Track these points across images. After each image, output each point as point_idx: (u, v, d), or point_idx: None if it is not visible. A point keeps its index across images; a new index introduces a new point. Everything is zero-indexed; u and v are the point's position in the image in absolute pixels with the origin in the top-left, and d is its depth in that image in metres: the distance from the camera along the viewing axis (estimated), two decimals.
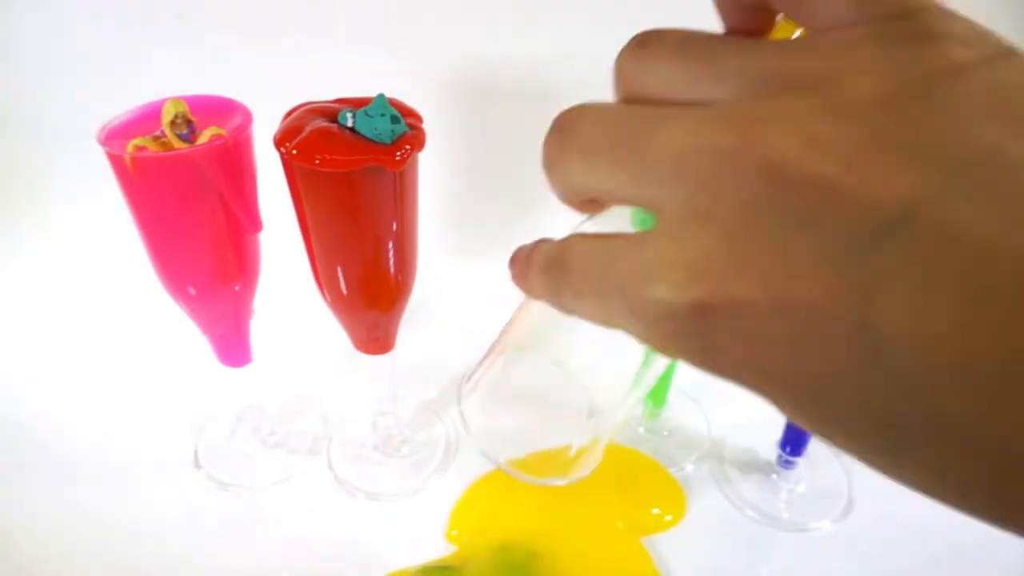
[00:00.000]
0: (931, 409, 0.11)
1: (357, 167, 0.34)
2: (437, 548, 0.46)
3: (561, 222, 0.20)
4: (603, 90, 0.17)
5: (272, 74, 0.61)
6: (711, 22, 0.17)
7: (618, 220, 0.20)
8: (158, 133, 0.37)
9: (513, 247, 0.20)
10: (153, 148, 0.37)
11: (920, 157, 0.12)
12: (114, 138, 0.37)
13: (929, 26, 0.13)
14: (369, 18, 0.64)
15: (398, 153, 0.34)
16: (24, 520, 0.47)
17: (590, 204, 0.18)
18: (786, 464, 0.49)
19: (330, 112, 0.36)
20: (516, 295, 0.23)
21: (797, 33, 0.15)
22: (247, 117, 0.39)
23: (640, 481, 0.50)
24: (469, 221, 0.73)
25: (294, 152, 0.34)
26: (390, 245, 0.39)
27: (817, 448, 0.51)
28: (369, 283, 0.41)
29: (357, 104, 0.36)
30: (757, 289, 0.12)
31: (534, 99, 0.64)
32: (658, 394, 0.53)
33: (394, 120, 0.35)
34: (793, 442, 0.48)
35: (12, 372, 0.59)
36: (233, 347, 0.47)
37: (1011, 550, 0.45)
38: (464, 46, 0.64)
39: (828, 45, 0.13)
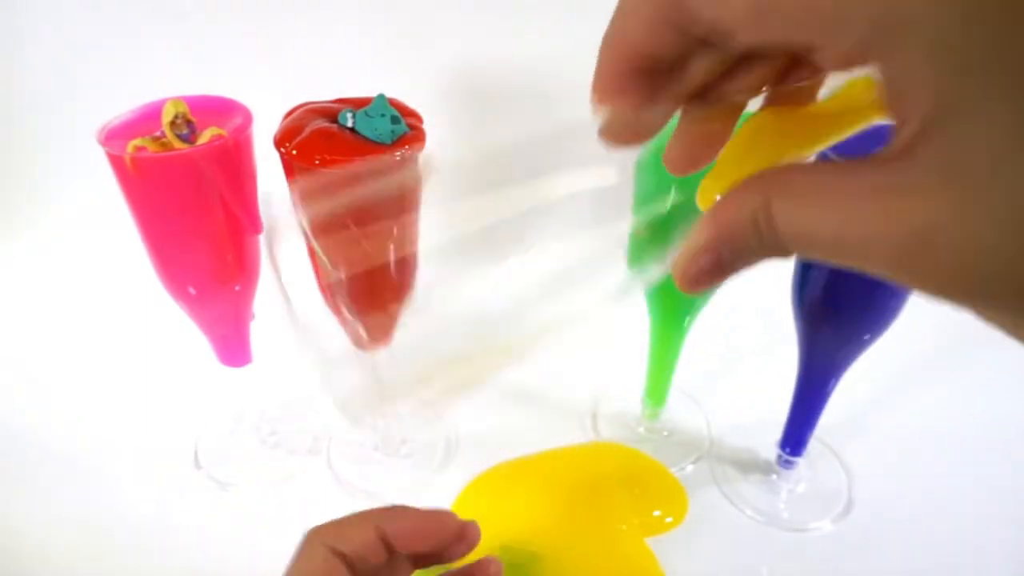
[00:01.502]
0: None
1: None
2: None
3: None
4: None
5: (272, 74, 0.61)
6: None
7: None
8: (158, 133, 0.37)
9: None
10: (153, 148, 0.37)
11: None
12: (114, 138, 0.37)
13: None
14: (369, 18, 0.64)
15: (398, 153, 0.34)
16: (24, 520, 0.47)
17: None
18: (786, 464, 0.49)
19: (330, 112, 0.36)
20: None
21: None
22: (247, 117, 0.39)
23: (642, 482, 0.50)
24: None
25: (294, 152, 0.34)
26: (390, 245, 0.39)
27: (817, 448, 0.51)
28: (370, 283, 0.41)
29: (357, 104, 0.36)
30: None
31: (534, 99, 0.64)
32: (658, 394, 0.53)
33: (394, 120, 0.35)
34: (793, 442, 0.48)
35: (12, 372, 0.59)
36: (233, 347, 0.47)
37: (1010, 550, 0.45)
38: (464, 46, 0.64)
39: None
